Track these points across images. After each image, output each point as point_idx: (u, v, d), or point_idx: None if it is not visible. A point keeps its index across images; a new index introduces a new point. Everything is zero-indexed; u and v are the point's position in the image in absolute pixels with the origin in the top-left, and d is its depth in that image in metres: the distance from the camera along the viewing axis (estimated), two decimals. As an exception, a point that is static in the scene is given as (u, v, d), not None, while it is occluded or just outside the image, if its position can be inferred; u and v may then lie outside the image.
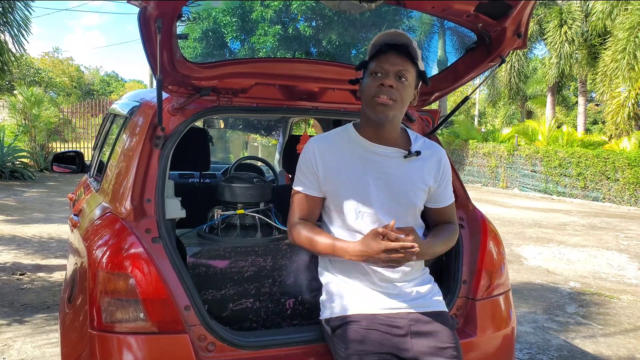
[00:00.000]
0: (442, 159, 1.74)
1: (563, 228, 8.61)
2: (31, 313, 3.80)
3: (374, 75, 1.59)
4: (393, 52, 1.58)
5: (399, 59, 1.58)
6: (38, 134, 14.25)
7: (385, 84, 1.56)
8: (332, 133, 1.75)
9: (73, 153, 3.36)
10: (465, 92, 26.09)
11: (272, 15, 12.25)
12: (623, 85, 14.77)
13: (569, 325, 4.01)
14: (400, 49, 1.58)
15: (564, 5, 17.76)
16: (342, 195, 1.64)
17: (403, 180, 1.65)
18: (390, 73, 1.57)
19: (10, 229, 6.78)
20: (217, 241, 1.93)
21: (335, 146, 1.69)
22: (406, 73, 1.58)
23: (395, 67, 1.57)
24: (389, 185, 1.64)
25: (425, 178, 1.68)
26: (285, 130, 4.25)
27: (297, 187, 1.71)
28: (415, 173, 1.67)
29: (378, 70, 1.59)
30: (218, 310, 1.83)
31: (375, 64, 1.60)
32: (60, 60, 32.25)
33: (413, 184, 1.66)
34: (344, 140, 1.69)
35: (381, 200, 1.63)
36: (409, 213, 1.68)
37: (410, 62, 1.59)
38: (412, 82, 1.61)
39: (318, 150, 1.68)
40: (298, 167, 1.72)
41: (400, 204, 1.65)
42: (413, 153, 1.66)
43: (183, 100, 1.89)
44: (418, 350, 1.58)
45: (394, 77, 1.57)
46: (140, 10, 1.47)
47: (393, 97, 1.57)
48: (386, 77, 1.57)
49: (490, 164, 15.58)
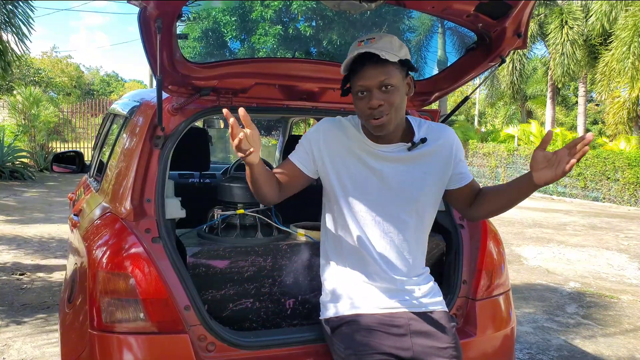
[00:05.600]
0: (453, 138, 1.68)
1: (563, 228, 8.61)
2: (31, 313, 3.80)
3: (360, 95, 1.54)
4: (368, 62, 1.49)
5: (376, 69, 1.49)
6: (38, 134, 14.25)
7: (374, 106, 1.50)
8: (345, 120, 1.69)
9: (73, 153, 3.36)
10: (465, 92, 26.07)
11: (272, 15, 12.25)
12: (624, 85, 14.75)
13: (569, 325, 4.01)
14: (373, 57, 1.49)
15: (564, 5, 17.76)
16: (346, 184, 1.62)
17: (410, 171, 1.62)
18: (373, 89, 1.50)
19: (10, 229, 6.78)
20: (217, 241, 1.93)
21: (344, 133, 1.65)
22: (389, 80, 1.50)
23: (374, 79, 1.50)
24: (395, 178, 1.61)
25: (437, 162, 1.64)
26: (285, 130, 4.25)
27: (290, 156, 1.67)
28: (424, 161, 1.63)
29: (360, 89, 1.53)
30: (218, 310, 1.83)
31: (355, 82, 1.53)
32: (58, 59, 32.21)
33: (422, 172, 1.62)
34: (352, 130, 1.66)
35: (388, 190, 1.61)
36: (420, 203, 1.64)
37: (389, 63, 1.49)
38: (398, 83, 1.53)
39: (326, 131, 1.65)
40: (301, 140, 1.68)
41: (409, 193, 1.62)
42: (417, 143, 1.61)
43: (183, 100, 1.89)
44: (418, 350, 1.57)
45: (379, 91, 1.51)
46: (140, 10, 1.47)
47: (385, 112, 1.51)
48: (372, 97, 1.50)
49: (490, 164, 15.59)
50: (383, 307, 1.62)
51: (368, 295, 1.64)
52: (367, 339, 1.56)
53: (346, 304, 1.64)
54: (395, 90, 1.52)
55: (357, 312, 1.62)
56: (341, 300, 1.65)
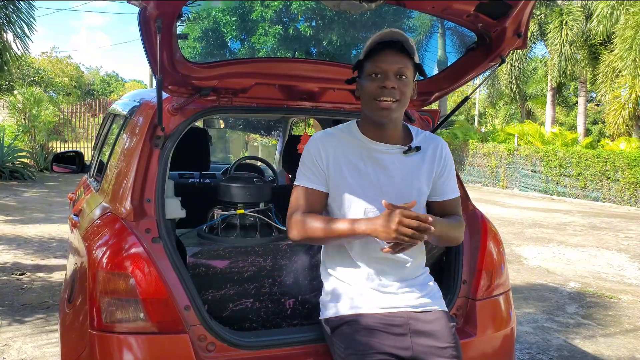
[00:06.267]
0: (442, 149, 1.71)
1: (563, 228, 8.61)
2: (31, 313, 3.80)
3: (373, 77, 1.56)
4: (389, 50, 1.54)
5: (397, 56, 1.54)
6: (38, 134, 14.25)
7: (387, 86, 1.53)
8: (335, 129, 1.72)
9: (73, 153, 3.37)
10: (465, 92, 26.06)
11: (272, 15, 12.25)
12: (625, 85, 14.74)
13: (569, 325, 4.01)
14: (396, 46, 1.54)
15: (564, 5, 17.75)
16: (346, 192, 1.64)
17: (405, 176, 1.65)
18: (390, 73, 1.54)
19: (11, 229, 6.78)
20: (217, 241, 1.93)
21: (338, 142, 1.67)
22: (405, 70, 1.55)
23: (393, 65, 1.54)
24: (392, 182, 1.64)
25: (425, 171, 1.67)
26: (285, 130, 4.25)
27: (301, 182, 1.65)
28: (416, 167, 1.66)
29: (376, 71, 1.55)
30: (218, 310, 1.83)
31: (372, 64, 1.56)
32: (58, 59, 32.19)
33: (415, 178, 1.65)
34: (346, 137, 1.68)
35: (386, 196, 1.63)
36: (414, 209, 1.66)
37: (408, 57, 1.55)
38: (411, 79, 1.58)
39: (323, 145, 1.66)
40: (301, 162, 1.68)
41: (405, 200, 1.64)
42: (413, 148, 1.64)
43: (183, 100, 1.89)
44: (417, 350, 1.58)
45: (394, 77, 1.54)
46: (140, 10, 1.47)
47: (395, 97, 1.54)
48: (386, 79, 1.54)
49: (490, 164, 15.58)
50: (383, 307, 1.62)
51: (368, 295, 1.64)
52: (367, 339, 1.56)
53: (346, 303, 1.64)
54: (408, 83, 1.57)
55: (357, 312, 1.62)
56: (341, 300, 1.65)
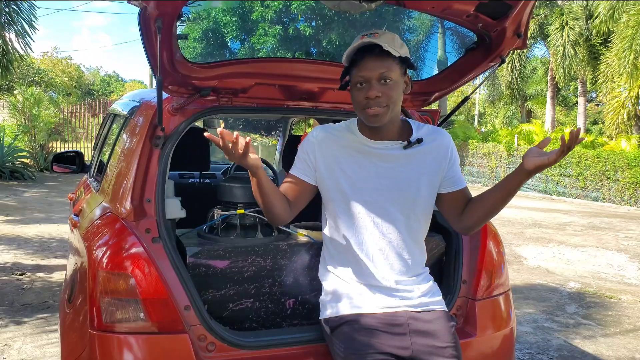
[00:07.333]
0: (449, 141, 1.70)
1: (563, 228, 8.61)
2: (31, 313, 3.80)
3: (359, 86, 1.56)
4: (368, 55, 1.53)
5: (377, 61, 1.52)
6: (38, 134, 14.24)
7: (372, 97, 1.52)
8: (337, 125, 1.73)
9: (73, 153, 3.37)
10: (465, 92, 26.06)
11: (272, 16, 12.25)
12: (625, 84, 14.72)
13: (569, 325, 4.01)
14: (375, 50, 1.52)
15: (564, 5, 17.74)
16: (343, 187, 1.64)
17: (406, 170, 1.64)
18: (372, 80, 1.53)
19: (11, 229, 6.78)
20: (217, 241, 1.93)
21: (336, 138, 1.68)
22: (389, 73, 1.53)
23: (374, 72, 1.52)
24: (391, 176, 1.63)
25: (432, 163, 1.66)
26: (285, 131, 4.25)
27: (291, 171, 1.70)
28: (419, 161, 1.65)
29: (360, 80, 1.55)
30: (218, 310, 1.83)
31: (356, 73, 1.56)
32: (59, 59, 32.20)
33: (417, 172, 1.64)
34: (345, 134, 1.68)
35: (385, 190, 1.63)
36: (417, 203, 1.65)
37: (390, 58, 1.53)
38: (397, 78, 1.56)
39: (318, 139, 1.67)
40: (297, 153, 1.71)
41: (406, 193, 1.64)
42: (413, 142, 1.63)
43: (183, 100, 1.89)
44: (417, 349, 1.58)
45: (378, 83, 1.53)
46: (140, 10, 1.47)
47: (382, 104, 1.54)
48: (370, 88, 1.53)
49: (490, 164, 15.58)
50: (383, 307, 1.62)
51: (368, 295, 1.64)
52: (367, 339, 1.57)
53: (346, 303, 1.64)
54: (394, 84, 1.55)
55: (356, 311, 1.62)
56: (341, 300, 1.66)
